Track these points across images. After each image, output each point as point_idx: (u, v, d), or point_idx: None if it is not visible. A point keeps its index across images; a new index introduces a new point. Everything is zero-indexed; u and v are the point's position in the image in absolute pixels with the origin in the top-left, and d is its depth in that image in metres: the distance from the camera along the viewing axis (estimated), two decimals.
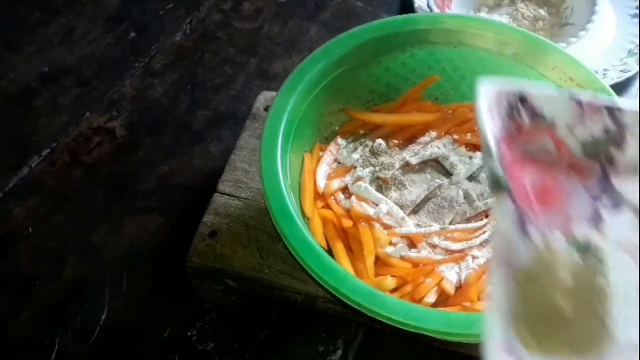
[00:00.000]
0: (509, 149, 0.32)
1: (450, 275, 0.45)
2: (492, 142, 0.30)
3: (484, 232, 0.47)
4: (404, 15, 0.53)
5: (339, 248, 0.46)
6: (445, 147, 0.52)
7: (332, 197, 0.49)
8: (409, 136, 0.54)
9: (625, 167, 0.33)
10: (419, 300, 0.44)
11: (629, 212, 0.32)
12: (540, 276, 0.29)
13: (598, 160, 0.33)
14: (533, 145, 0.33)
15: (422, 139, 0.53)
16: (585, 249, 0.31)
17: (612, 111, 0.32)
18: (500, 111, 0.32)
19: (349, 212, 0.48)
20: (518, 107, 0.32)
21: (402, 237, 0.47)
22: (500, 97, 0.32)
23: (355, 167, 0.51)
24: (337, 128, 0.54)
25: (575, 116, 0.32)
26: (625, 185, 0.32)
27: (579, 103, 0.32)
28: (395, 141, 0.53)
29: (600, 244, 0.31)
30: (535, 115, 0.33)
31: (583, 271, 0.30)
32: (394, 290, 0.45)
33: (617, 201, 0.32)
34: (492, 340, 0.26)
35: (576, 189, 0.33)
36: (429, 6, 0.69)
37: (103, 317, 0.51)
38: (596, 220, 0.32)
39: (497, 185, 0.29)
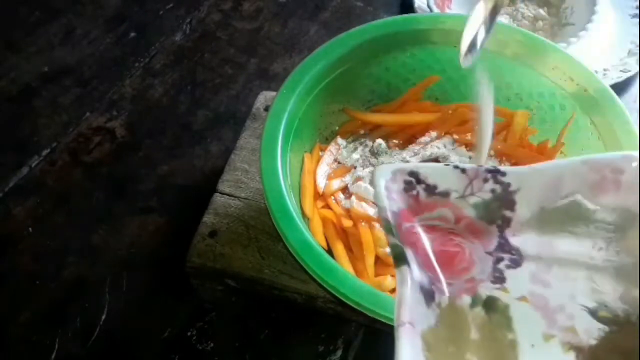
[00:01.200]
0: (410, 221, 0.34)
1: None
2: (391, 219, 0.32)
3: None
4: (404, 15, 0.53)
5: (339, 248, 0.46)
6: (445, 147, 0.52)
7: (332, 197, 0.49)
8: (409, 136, 0.54)
9: (520, 225, 0.35)
10: None
11: (530, 264, 0.34)
12: (448, 335, 0.31)
13: (494, 223, 0.35)
14: (432, 216, 0.35)
15: (422, 139, 0.53)
16: (490, 306, 0.33)
17: (495, 175, 0.35)
18: (398, 190, 0.35)
19: (349, 212, 0.48)
20: (413, 184, 0.35)
21: None
22: (396, 177, 0.35)
23: (355, 167, 0.51)
24: (337, 128, 0.54)
25: (465, 185, 0.35)
26: (522, 241, 0.35)
27: (464, 172, 0.35)
28: (395, 141, 0.53)
29: (505, 300, 0.33)
30: (430, 189, 0.35)
31: (490, 326, 0.32)
32: (394, 290, 0.45)
33: (517, 258, 0.35)
34: None
35: (478, 251, 0.35)
36: (429, 6, 0.69)
37: (103, 317, 0.51)
38: (499, 278, 0.34)
39: (398, 258, 0.31)
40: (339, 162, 0.52)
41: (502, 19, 0.71)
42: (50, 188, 0.60)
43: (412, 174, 0.35)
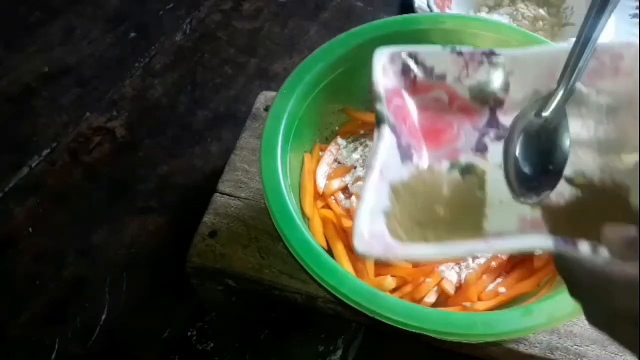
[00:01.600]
0: (401, 98, 0.38)
1: (450, 275, 0.45)
2: (381, 91, 0.36)
3: None
4: (404, 15, 0.53)
5: (339, 248, 0.46)
6: None
7: (332, 197, 0.49)
8: None
9: (512, 106, 0.38)
10: (419, 300, 0.44)
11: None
12: (419, 190, 0.35)
13: (487, 104, 0.39)
14: (427, 97, 0.39)
15: None
16: (466, 170, 0.37)
17: (490, 57, 0.38)
18: (395, 70, 0.38)
19: (349, 212, 0.48)
20: (411, 66, 0.38)
21: None
22: (394, 58, 0.38)
23: (355, 167, 0.51)
24: (337, 128, 0.54)
25: (461, 67, 0.38)
26: (510, 120, 0.38)
27: (461, 54, 0.38)
28: None
29: (482, 166, 0.37)
30: (427, 71, 0.38)
31: (463, 186, 0.37)
32: (394, 290, 0.45)
33: (503, 133, 0.38)
34: (359, 229, 0.31)
35: (465, 127, 0.39)
36: (429, 6, 0.69)
37: (103, 317, 0.51)
38: (480, 148, 0.38)
39: (380, 119, 0.35)
40: (339, 162, 0.52)
41: (502, 18, 0.71)
42: (50, 188, 0.60)
43: (411, 55, 0.38)
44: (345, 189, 0.50)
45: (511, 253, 0.44)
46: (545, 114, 0.36)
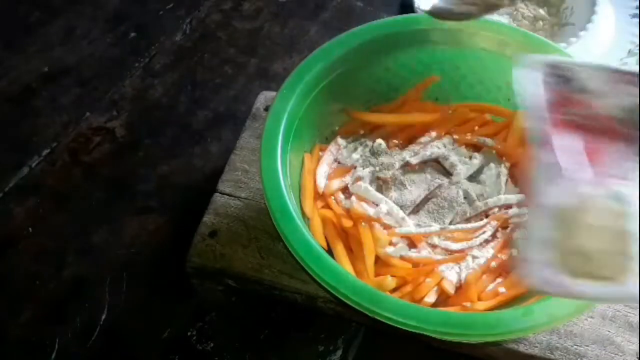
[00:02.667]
0: (554, 114, 0.36)
1: (451, 275, 0.45)
2: (534, 106, 0.34)
3: (484, 232, 0.47)
4: (404, 15, 0.53)
5: (339, 248, 0.46)
6: (445, 147, 0.52)
7: (332, 197, 0.49)
8: (409, 136, 0.54)
9: None
10: (419, 300, 0.44)
11: None
12: (575, 217, 0.33)
13: (638, 128, 0.36)
14: (578, 113, 0.36)
15: (422, 139, 0.53)
16: (618, 198, 0.34)
17: None
18: (546, 82, 0.36)
19: (349, 212, 0.48)
20: (562, 79, 0.36)
21: (402, 237, 0.47)
22: (547, 69, 0.36)
23: (355, 167, 0.51)
24: (337, 128, 0.54)
25: (616, 86, 0.36)
26: None
27: (616, 73, 0.36)
28: (395, 141, 0.53)
29: (634, 195, 0.34)
30: (578, 86, 0.36)
31: (614, 216, 0.33)
32: (394, 290, 0.45)
33: None
34: (531, 262, 0.30)
35: (615, 150, 0.36)
36: None
37: (103, 317, 0.51)
38: (632, 176, 0.35)
39: (535, 138, 0.34)
40: (339, 162, 0.52)
41: (503, 19, 0.71)
42: (50, 188, 0.60)
43: (562, 68, 0.36)
44: (345, 189, 0.50)
45: None
46: None
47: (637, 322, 0.45)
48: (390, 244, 0.47)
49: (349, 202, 0.48)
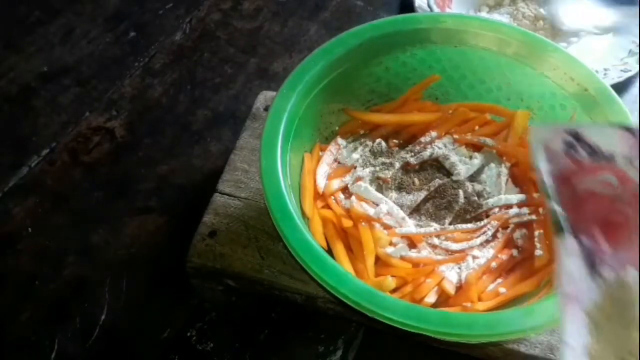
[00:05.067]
0: (570, 186, 0.33)
1: (451, 275, 0.45)
2: (550, 183, 0.31)
3: (484, 232, 0.47)
4: (404, 15, 0.53)
5: (339, 248, 0.46)
6: (445, 147, 0.52)
7: (332, 197, 0.49)
8: (409, 136, 0.54)
9: None
10: (419, 301, 0.44)
11: None
12: (613, 312, 0.29)
13: None
14: (595, 181, 0.33)
15: (422, 139, 0.53)
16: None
17: None
18: (557, 151, 0.33)
19: (349, 212, 0.48)
20: (574, 145, 0.33)
21: (402, 237, 0.47)
22: (555, 137, 0.33)
23: (355, 167, 0.51)
24: (337, 128, 0.54)
25: (632, 147, 0.33)
26: None
27: (630, 132, 0.33)
28: (395, 141, 0.53)
29: None
30: (593, 151, 0.33)
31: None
32: (394, 291, 0.45)
33: None
34: None
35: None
36: (429, 6, 0.69)
37: (103, 317, 0.51)
38: None
39: (559, 226, 0.30)
40: (339, 162, 0.52)
41: (503, 18, 0.71)
42: (50, 188, 0.59)
43: (573, 133, 0.33)
44: (345, 189, 0.50)
45: None
46: None
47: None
48: (390, 244, 0.47)
49: (349, 202, 0.48)
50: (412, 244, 0.47)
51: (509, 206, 0.49)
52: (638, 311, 0.29)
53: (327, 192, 0.49)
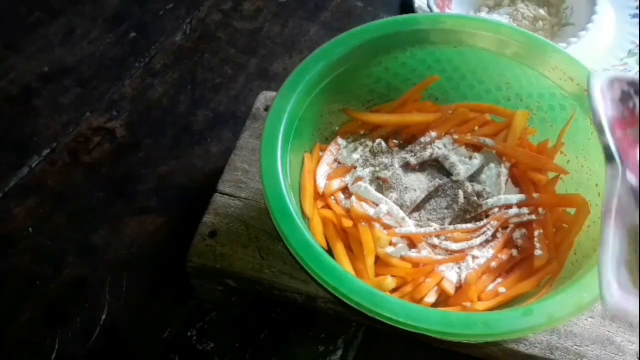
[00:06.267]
0: (623, 131, 0.35)
1: (451, 275, 0.45)
2: (605, 122, 0.34)
3: (484, 232, 0.47)
4: (404, 15, 0.53)
5: (339, 248, 0.46)
6: (445, 147, 0.52)
7: (332, 197, 0.49)
8: (409, 136, 0.54)
9: None
10: (419, 300, 0.44)
11: None
12: None
13: None
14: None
15: (422, 139, 0.53)
16: None
17: None
18: (614, 97, 0.36)
19: (349, 212, 0.48)
20: (631, 94, 0.36)
21: (402, 237, 0.47)
22: (613, 84, 0.36)
23: (355, 167, 0.51)
24: (337, 128, 0.54)
25: None
26: None
27: None
28: (395, 141, 0.53)
29: None
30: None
31: None
32: (394, 290, 0.45)
33: None
34: (607, 280, 0.30)
35: None
36: (429, 6, 0.69)
37: (103, 317, 0.51)
38: None
39: (610, 154, 0.33)
40: (339, 162, 0.52)
41: (503, 18, 0.71)
42: (50, 188, 0.60)
43: (631, 84, 0.36)
44: (345, 189, 0.50)
45: None
46: None
47: (637, 322, 0.45)
48: (390, 244, 0.47)
49: (349, 202, 0.48)
50: (411, 243, 0.47)
51: (509, 206, 0.49)
52: None
53: (327, 192, 0.49)
